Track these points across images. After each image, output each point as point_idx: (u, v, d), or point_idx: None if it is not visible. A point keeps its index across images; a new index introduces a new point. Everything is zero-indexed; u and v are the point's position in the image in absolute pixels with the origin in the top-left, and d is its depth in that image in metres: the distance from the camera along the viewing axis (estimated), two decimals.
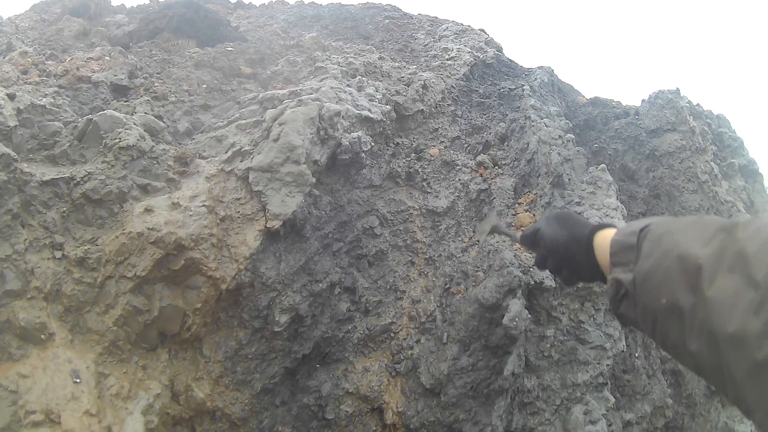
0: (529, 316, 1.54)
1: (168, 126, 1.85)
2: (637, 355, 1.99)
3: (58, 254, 1.58)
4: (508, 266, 1.55)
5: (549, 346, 1.65)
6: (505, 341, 1.52)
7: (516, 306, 1.50)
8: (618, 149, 2.23)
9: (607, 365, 1.72)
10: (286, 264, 1.48)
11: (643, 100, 2.37)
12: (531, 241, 1.13)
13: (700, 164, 2.33)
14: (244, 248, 1.49)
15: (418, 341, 1.56)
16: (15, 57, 2.54)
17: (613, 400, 1.74)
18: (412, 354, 1.55)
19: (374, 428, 1.55)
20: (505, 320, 1.49)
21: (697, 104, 2.49)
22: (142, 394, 1.46)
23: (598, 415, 1.70)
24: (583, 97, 2.41)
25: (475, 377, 1.52)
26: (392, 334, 1.57)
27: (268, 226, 1.50)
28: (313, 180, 1.54)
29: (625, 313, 0.73)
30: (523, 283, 1.54)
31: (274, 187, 1.52)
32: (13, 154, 1.55)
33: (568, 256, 0.99)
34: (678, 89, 2.37)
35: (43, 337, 1.49)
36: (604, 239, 0.86)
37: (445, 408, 1.54)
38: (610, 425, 1.81)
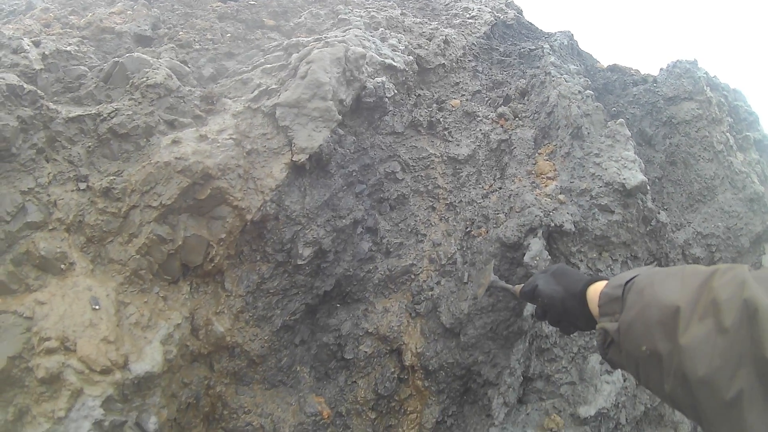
0: (549, 257, 1.57)
1: (193, 71, 1.89)
2: None
3: (83, 186, 1.62)
4: (529, 206, 1.58)
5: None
6: (525, 281, 1.55)
7: (537, 245, 1.54)
8: (636, 114, 2.27)
9: None
10: (311, 198, 1.52)
11: (661, 69, 2.42)
12: (530, 296, 1.26)
13: (716, 134, 2.38)
14: (269, 180, 1.53)
15: (438, 283, 1.60)
16: (36, 13, 2.59)
17: None
18: (432, 295, 1.58)
19: (392, 370, 1.58)
20: (526, 258, 1.52)
21: (714, 76, 2.54)
22: (162, 323, 1.49)
23: None
24: (602, 64, 2.47)
25: (495, 318, 1.56)
26: (413, 276, 1.60)
27: (294, 159, 1.54)
28: (339, 117, 1.58)
29: (612, 358, 0.83)
30: (543, 224, 1.58)
31: (301, 122, 1.56)
32: (39, 92, 1.59)
33: (564, 310, 1.10)
34: (696, 60, 2.42)
35: (63, 266, 1.52)
36: (595, 292, 0.95)
37: (464, 349, 1.57)
38: (625, 379, 1.83)
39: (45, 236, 1.55)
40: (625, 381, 1.74)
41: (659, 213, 1.96)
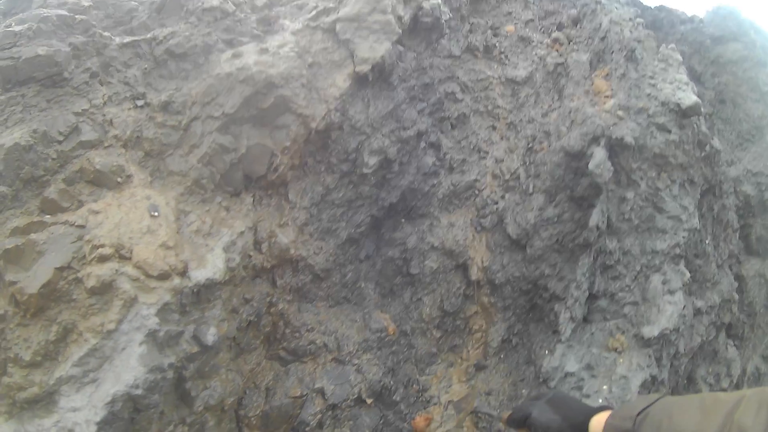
0: (612, 168, 1.58)
1: (246, 1, 1.92)
2: (707, 242, 2.02)
3: (140, 103, 1.64)
4: (590, 117, 1.60)
5: (629, 209, 1.69)
6: (589, 192, 1.56)
7: (600, 154, 1.55)
8: (684, 51, 2.30)
9: (683, 237, 1.76)
10: (375, 109, 1.54)
11: (707, 11, 2.45)
12: (519, 424, 1.21)
13: (762, 76, 2.40)
14: (333, 89, 1.55)
15: (502, 197, 1.61)
16: None
17: (688, 275, 1.78)
18: (497, 209, 1.59)
19: (458, 285, 1.59)
20: (590, 166, 1.54)
21: (756, 22, 2.57)
22: (224, 230, 1.49)
23: (676, 286, 1.73)
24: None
25: (561, 229, 1.56)
26: (476, 191, 1.62)
27: (356, 70, 1.56)
28: (399, 31, 1.60)
29: None
30: (605, 135, 1.59)
31: (362, 35, 1.58)
32: (91, 21, 1.61)
33: None
34: (737, 5, 2.46)
35: (119, 180, 1.52)
36: (599, 423, 0.92)
37: (530, 262, 1.58)
38: (683, 307, 1.83)
39: (100, 153, 1.56)
40: (683, 308, 1.74)
41: (713, 139, 1.97)
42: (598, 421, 0.94)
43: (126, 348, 1.35)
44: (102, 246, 1.39)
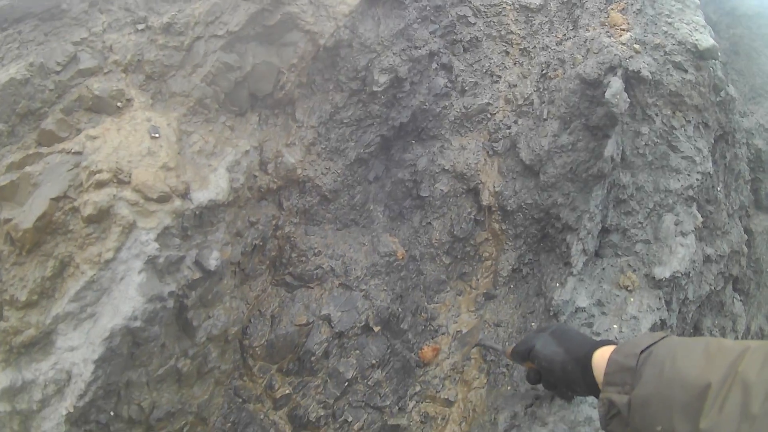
0: (629, 100, 1.55)
1: None
2: (719, 189, 2.00)
3: (141, 26, 1.58)
4: (607, 47, 1.56)
5: (644, 144, 1.67)
6: (605, 122, 1.53)
7: (617, 83, 1.52)
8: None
9: (697, 179, 1.74)
10: (385, 27, 1.49)
11: None
12: (523, 356, 1.19)
13: None
14: (342, 6, 1.50)
15: (515, 122, 1.58)
16: None
17: (701, 219, 1.76)
18: (510, 133, 1.56)
19: (469, 210, 1.55)
20: (606, 95, 1.51)
21: None
22: (228, 150, 1.45)
23: (688, 228, 1.70)
24: None
25: (575, 158, 1.53)
26: (489, 115, 1.58)
27: None
28: None
29: (614, 431, 0.78)
30: (622, 65, 1.56)
31: None
32: None
33: (564, 374, 1.03)
34: None
35: (119, 104, 1.47)
36: (602, 357, 0.90)
37: (543, 189, 1.55)
38: (695, 251, 1.80)
39: (100, 79, 1.51)
40: (695, 252, 1.72)
41: (728, 86, 1.95)
42: (602, 355, 0.91)
43: (125, 278, 1.30)
44: (99, 171, 1.34)
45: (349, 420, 1.58)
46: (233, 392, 1.55)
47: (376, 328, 1.53)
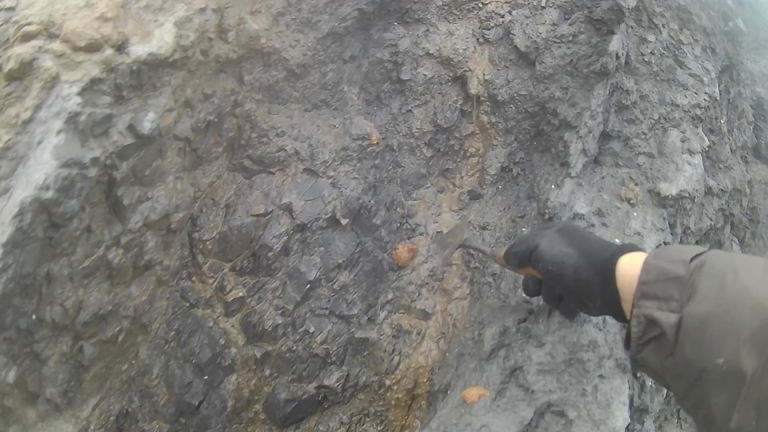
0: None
1: None
2: (722, 121, 1.90)
3: None
4: None
5: (650, 52, 1.56)
6: (610, 16, 1.42)
7: None
8: None
9: (704, 99, 1.64)
10: None
11: None
12: (520, 259, 0.98)
13: None
14: None
15: (509, 12, 1.45)
16: None
17: (707, 142, 1.64)
18: (503, 21, 1.42)
19: (455, 98, 1.41)
20: None
21: None
22: (180, 6, 1.28)
23: (696, 148, 1.59)
24: None
25: (576, 50, 1.42)
26: (480, 4, 1.44)
27: None
28: None
29: (647, 360, 0.63)
30: None
31: None
32: None
33: (576, 284, 0.84)
34: None
35: None
36: (632, 263, 0.73)
37: (539, 81, 1.42)
38: (702, 173, 1.68)
39: None
40: (702, 175, 1.60)
41: (738, 18, 1.87)
42: (631, 261, 0.73)
43: (42, 141, 1.13)
44: (29, 24, 1.18)
45: (311, 331, 1.40)
46: (180, 294, 1.36)
47: (344, 221, 1.36)
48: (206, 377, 1.39)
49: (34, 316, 1.22)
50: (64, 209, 1.14)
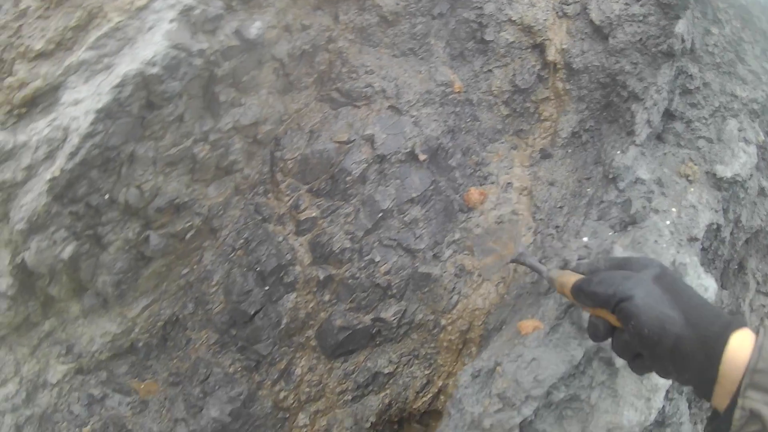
0: None
1: None
2: None
3: None
4: None
5: (713, 43, 1.70)
6: (677, 1, 1.55)
7: None
8: None
9: (761, 95, 1.75)
10: None
11: None
12: (599, 302, 0.84)
13: None
14: None
15: None
16: None
17: (762, 137, 1.74)
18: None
19: (533, 63, 1.54)
20: None
21: None
22: None
23: (751, 139, 1.69)
24: None
25: (645, 30, 1.56)
26: None
27: None
28: None
29: None
30: None
31: None
32: None
33: (671, 355, 0.73)
34: None
35: None
36: (740, 344, 0.66)
37: (611, 54, 1.55)
38: (756, 161, 1.78)
39: None
40: (756, 164, 1.69)
41: None
42: (741, 340, 0.65)
43: (153, 27, 1.26)
44: None
45: (377, 260, 1.46)
46: (253, 208, 1.44)
47: (423, 157, 1.45)
48: (267, 288, 1.44)
49: (107, 196, 1.27)
50: (165, 88, 1.23)
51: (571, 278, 0.95)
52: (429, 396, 1.64)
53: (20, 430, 1.54)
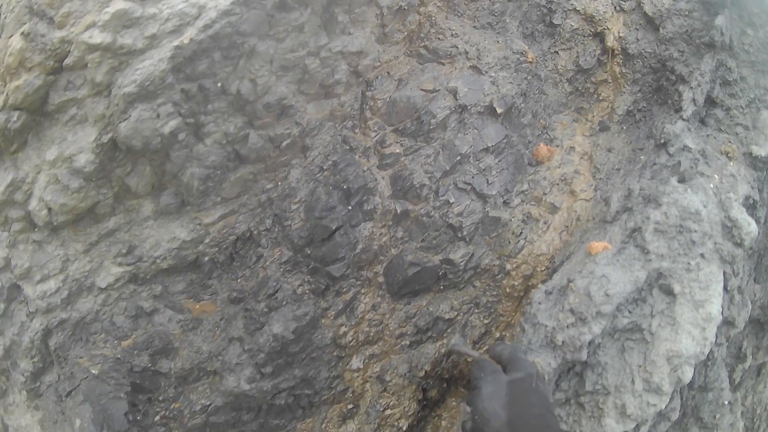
0: None
1: None
2: None
3: None
4: None
5: (748, 43, 2.12)
6: (716, 0, 1.84)
7: None
8: None
9: None
10: None
11: None
12: (472, 380, 1.09)
13: None
14: None
15: None
16: None
17: None
18: None
19: (594, 48, 1.81)
20: None
21: None
22: None
23: None
24: None
25: (690, 23, 1.90)
26: None
27: None
28: None
29: None
30: None
31: None
32: None
33: None
34: None
35: None
36: None
37: (662, 42, 1.85)
38: None
39: None
40: None
41: None
42: None
43: None
44: None
45: (451, 201, 1.64)
46: (342, 139, 1.62)
47: (500, 110, 1.66)
48: (350, 208, 1.57)
49: (220, 84, 1.40)
50: None
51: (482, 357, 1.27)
52: (484, 349, 1.74)
53: (47, 335, 1.53)
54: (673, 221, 1.55)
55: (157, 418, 1.57)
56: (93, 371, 1.50)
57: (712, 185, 1.86)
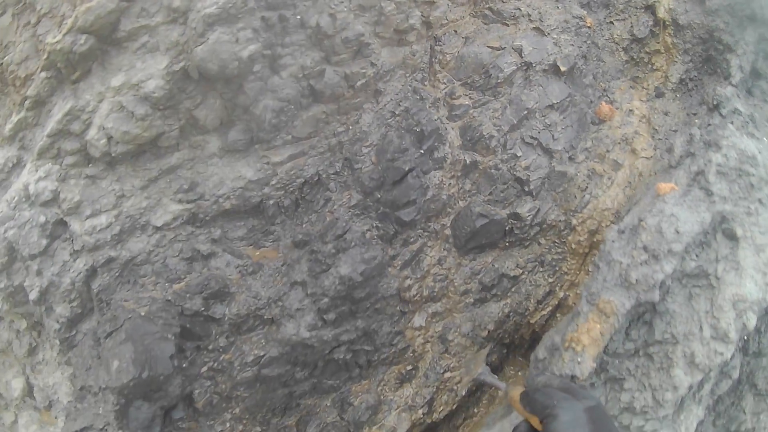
0: None
1: None
2: None
3: None
4: None
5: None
6: None
7: None
8: None
9: None
10: None
11: None
12: (533, 409, 1.01)
13: None
14: None
15: None
16: None
17: None
18: None
19: (647, 19, 1.91)
20: None
21: None
22: None
23: None
24: None
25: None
26: None
27: None
28: None
29: None
30: None
31: None
32: None
33: None
34: None
35: None
36: None
37: (708, 14, 2.03)
38: None
39: None
40: None
41: None
42: None
43: None
44: None
45: (518, 155, 1.70)
46: (412, 89, 1.65)
47: (564, 68, 1.73)
48: (422, 151, 1.59)
49: (299, 17, 1.38)
50: None
51: (519, 389, 1.20)
52: (548, 310, 1.78)
53: (91, 275, 1.42)
54: (733, 164, 1.65)
55: (204, 369, 1.48)
56: (140, 312, 1.38)
57: (762, 146, 1.96)
